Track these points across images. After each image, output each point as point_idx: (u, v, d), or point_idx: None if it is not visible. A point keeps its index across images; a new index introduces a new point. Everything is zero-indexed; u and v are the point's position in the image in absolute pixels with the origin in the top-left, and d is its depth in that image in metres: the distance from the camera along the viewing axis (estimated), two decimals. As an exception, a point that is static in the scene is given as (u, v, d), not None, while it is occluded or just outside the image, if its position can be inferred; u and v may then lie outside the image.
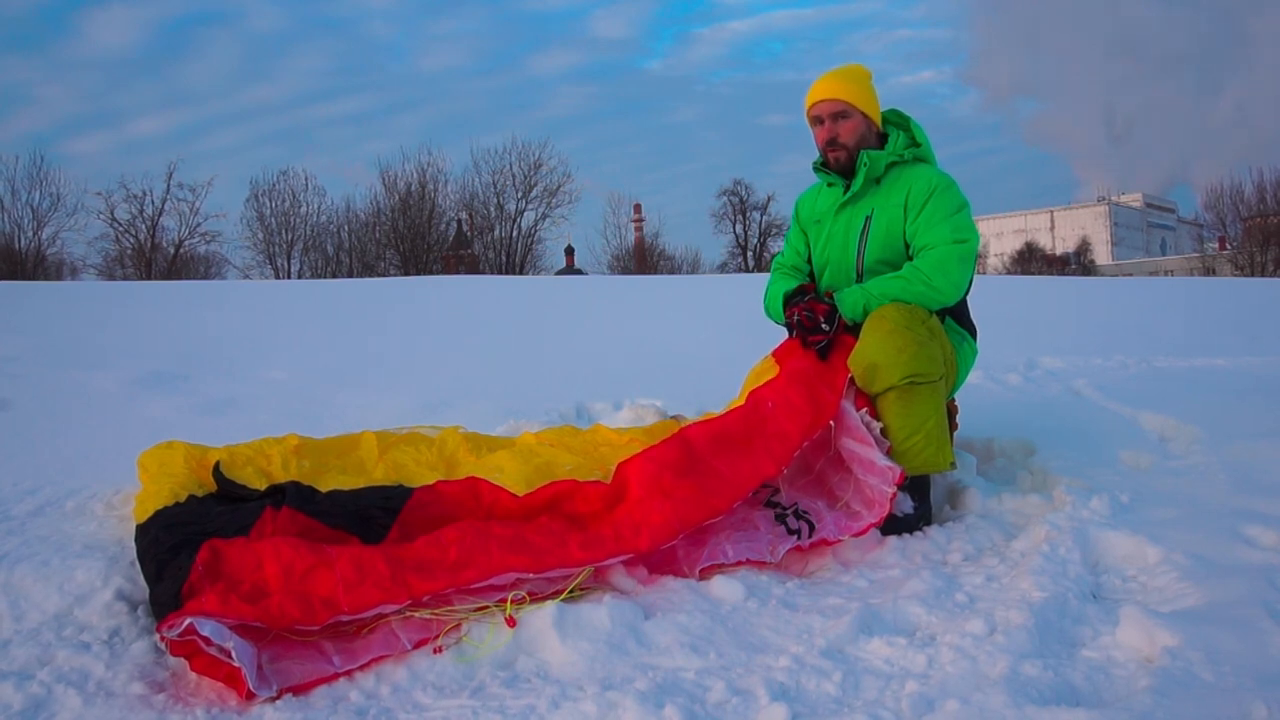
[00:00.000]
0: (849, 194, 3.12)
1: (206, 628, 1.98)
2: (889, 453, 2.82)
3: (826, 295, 3.05)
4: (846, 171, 3.13)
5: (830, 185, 3.21)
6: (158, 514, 2.45)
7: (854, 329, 2.98)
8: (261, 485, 2.68)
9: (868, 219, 3.09)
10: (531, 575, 2.31)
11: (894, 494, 2.74)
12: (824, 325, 2.97)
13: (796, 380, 2.89)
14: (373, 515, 2.53)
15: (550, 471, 2.81)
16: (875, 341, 2.84)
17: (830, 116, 3.09)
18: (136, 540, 2.43)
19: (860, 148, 3.09)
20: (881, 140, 3.15)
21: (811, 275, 3.35)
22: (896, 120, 3.19)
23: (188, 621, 1.99)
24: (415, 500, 2.58)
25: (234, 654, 1.95)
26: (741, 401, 2.97)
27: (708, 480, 2.61)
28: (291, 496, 2.53)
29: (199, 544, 2.26)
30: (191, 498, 2.55)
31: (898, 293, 2.92)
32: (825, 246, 3.21)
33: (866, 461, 2.78)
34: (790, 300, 3.13)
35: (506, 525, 2.43)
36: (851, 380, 2.89)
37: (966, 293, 3.08)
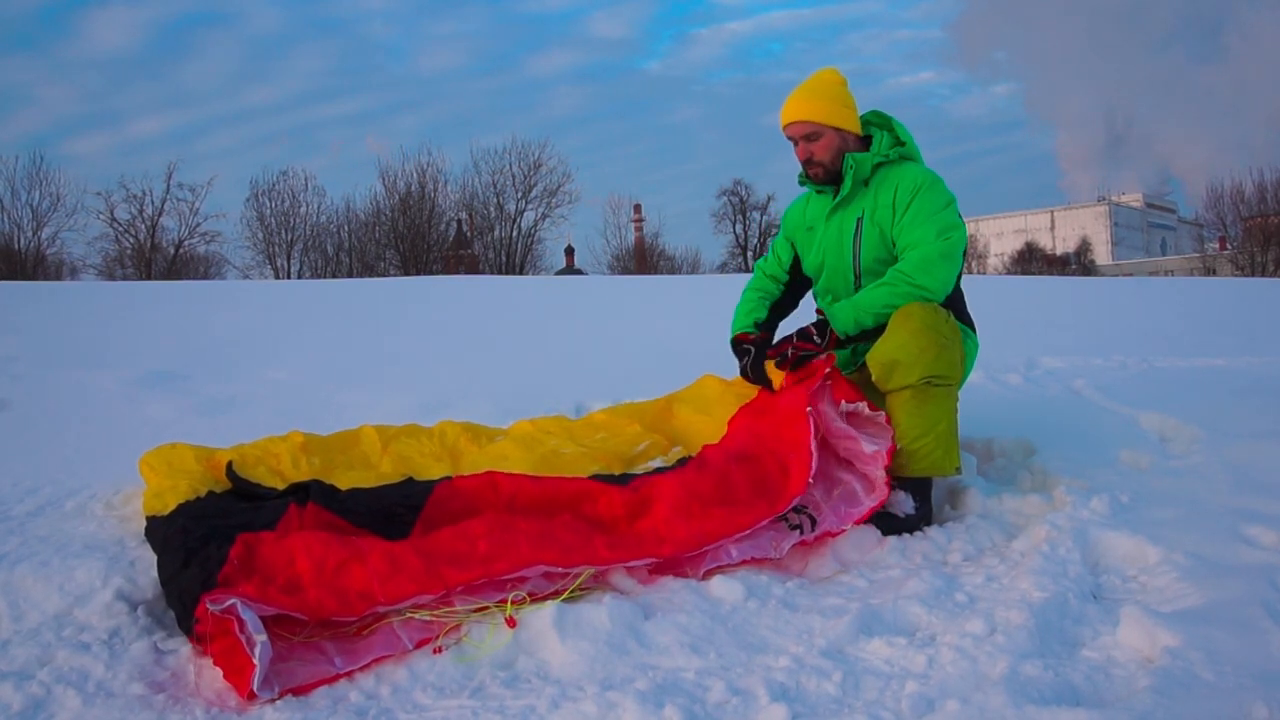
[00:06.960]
0: (839, 198, 3.11)
1: (247, 614, 2.00)
2: (888, 423, 2.86)
3: (818, 313, 3.07)
4: (833, 180, 3.12)
5: (819, 193, 3.21)
6: (181, 507, 2.48)
7: (845, 342, 3.02)
8: (276, 484, 2.70)
9: (859, 221, 3.08)
10: (560, 569, 2.34)
11: (887, 477, 2.77)
12: (816, 339, 2.99)
13: (767, 417, 2.95)
14: (396, 513, 2.55)
15: (554, 462, 2.83)
16: (900, 339, 2.83)
17: (802, 138, 3.08)
18: (153, 531, 2.45)
19: (839, 158, 3.08)
20: (865, 143, 3.14)
21: (789, 284, 3.40)
22: (878, 121, 3.17)
23: (232, 600, 2.00)
24: (436, 496, 2.59)
25: (257, 652, 1.95)
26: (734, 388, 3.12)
27: (737, 509, 2.62)
28: (316, 494, 2.55)
29: (229, 536, 2.28)
30: (211, 494, 2.58)
31: (887, 299, 2.91)
32: (819, 252, 3.20)
33: (858, 453, 2.83)
34: (744, 346, 3.21)
35: (531, 521, 2.44)
36: (826, 378, 2.91)
37: (955, 287, 3.06)
